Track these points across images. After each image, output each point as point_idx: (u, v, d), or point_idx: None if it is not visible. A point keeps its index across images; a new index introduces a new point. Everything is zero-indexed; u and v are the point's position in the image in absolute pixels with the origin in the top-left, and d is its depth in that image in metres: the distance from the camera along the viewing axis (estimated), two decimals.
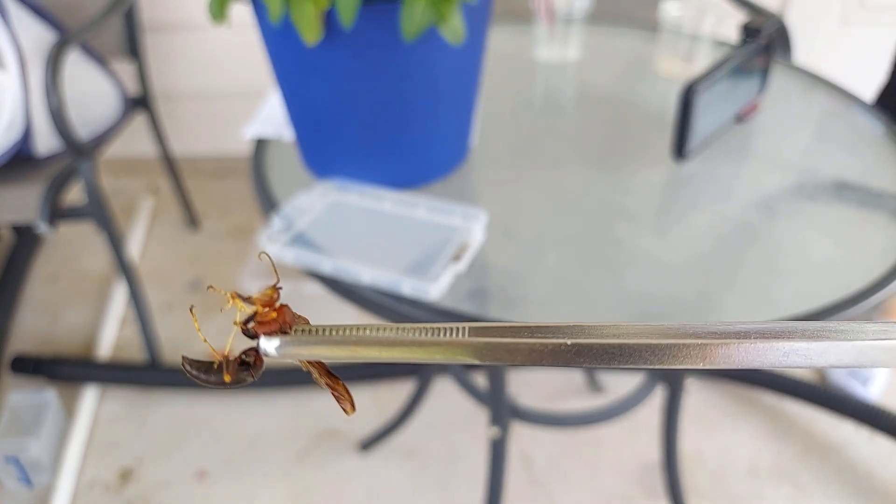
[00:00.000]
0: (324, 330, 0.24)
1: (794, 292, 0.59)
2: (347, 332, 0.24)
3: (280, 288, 0.24)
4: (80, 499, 1.12)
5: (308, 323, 0.25)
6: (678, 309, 0.58)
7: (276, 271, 0.24)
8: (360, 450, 1.18)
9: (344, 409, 0.26)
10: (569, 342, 0.22)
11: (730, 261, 0.63)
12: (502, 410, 0.89)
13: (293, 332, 0.24)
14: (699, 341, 0.21)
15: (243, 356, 0.24)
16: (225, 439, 1.21)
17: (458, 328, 0.23)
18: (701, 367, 0.21)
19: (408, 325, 0.23)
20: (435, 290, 0.58)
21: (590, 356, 0.22)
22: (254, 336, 0.24)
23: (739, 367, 0.21)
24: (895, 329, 0.21)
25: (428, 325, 0.23)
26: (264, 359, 0.24)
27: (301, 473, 1.16)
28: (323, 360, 0.25)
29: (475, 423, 1.21)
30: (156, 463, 1.18)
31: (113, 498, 1.13)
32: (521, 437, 1.19)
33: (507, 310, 0.58)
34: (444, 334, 0.23)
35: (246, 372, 0.24)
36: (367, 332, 0.24)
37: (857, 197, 0.71)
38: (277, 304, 0.24)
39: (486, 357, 0.23)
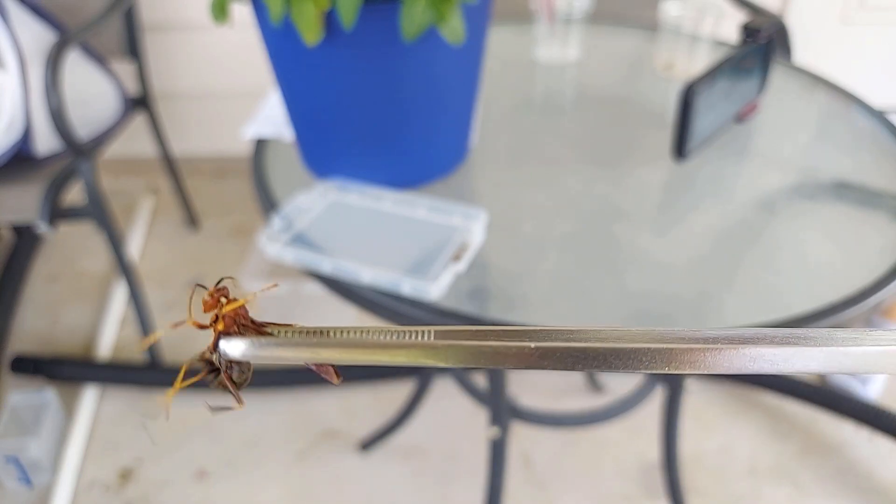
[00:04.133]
0: (286, 332, 0.24)
1: (793, 292, 0.59)
2: (311, 334, 0.24)
3: (222, 287, 0.24)
4: (80, 499, 1.12)
5: (272, 324, 0.24)
6: (678, 308, 0.58)
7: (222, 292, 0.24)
8: (360, 450, 1.18)
9: (330, 381, 0.25)
10: (532, 346, 0.22)
11: (730, 261, 0.63)
12: (502, 410, 0.89)
13: (253, 335, 0.24)
14: (665, 346, 0.21)
15: (227, 365, 0.24)
16: (225, 439, 1.21)
17: (423, 331, 0.23)
18: (666, 371, 0.21)
19: (373, 328, 0.23)
20: (435, 290, 0.58)
21: (553, 359, 0.22)
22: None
23: (706, 371, 0.21)
24: (865, 336, 0.21)
25: (393, 328, 0.23)
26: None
27: (301, 473, 1.16)
28: (285, 362, 0.24)
29: (475, 423, 1.21)
30: (156, 463, 1.18)
31: (113, 498, 1.13)
32: (521, 437, 1.19)
33: (507, 310, 0.58)
34: (409, 337, 0.23)
35: (239, 373, 0.24)
36: (332, 334, 0.23)
37: (857, 197, 0.71)
38: (224, 300, 0.24)
39: (450, 360, 0.22)
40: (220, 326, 0.23)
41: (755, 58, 0.76)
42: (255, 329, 0.24)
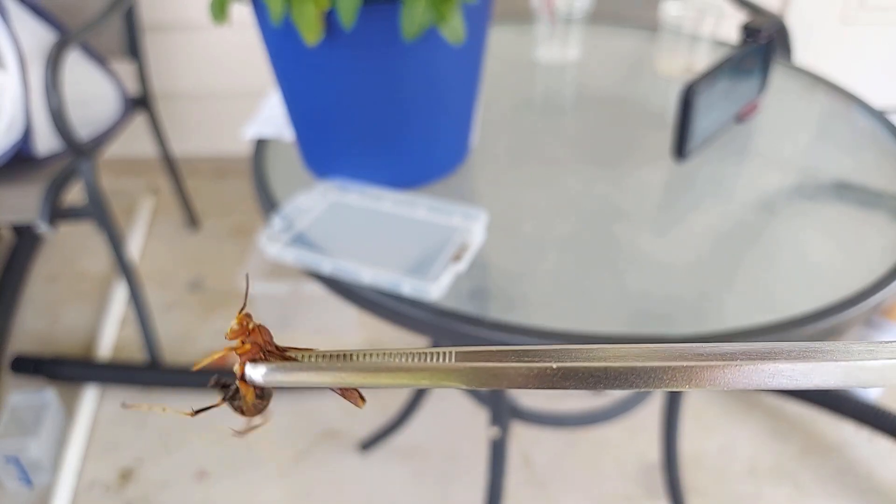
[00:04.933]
0: (310, 356, 0.24)
1: (793, 292, 0.59)
2: (334, 358, 0.24)
3: (248, 314, 0.24)
4: (80, 499, 1.12)
5: (295, 348, 0.25)
6: (678, 309, 0.58)
7: (245, 298, 0.25)
8: (360, 450, 1.18)
9: (355, 403, 0.26)
10: (554, 366, 0.22)
11: (730, 261, 0.63)
12: (502, 410, 0.89)
13: (277, 360, 0.24)
14: (685, 364, 0.21)
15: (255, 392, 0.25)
16: (225, 439, 1.21)
17: (445, 353, 0.23)
18: (687, 389, 0.22)
19: (394, 350, 0.24)
20: (435, 290, 0.58)
21: (575, 379, 0.22)
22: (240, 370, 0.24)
23: (726, 388, 0.21)
24: (881, 349, 0.21)
25: (415, 350, 0.23)
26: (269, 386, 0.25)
27: (301, 473, 1.16)
28: (310, 386, 0.25)
29: (475, 423, 1.21)
30: (156, 463, 1.18)
31: (113, 498, 1.13)
32: (521, 437, 1.19)
33: (507, 310, 0.58)
34: (431, 359, 0.23)
35: (260, 400, 0.25)
36: (355, 357, 0.24)
37: (857, 197, 0.71)
38: (251, 327, 0.24)
39: (473, 382, 0.23)
40: (247, 351, 0.24)
41: (755, 58, 0.76)
42: (279, 354, 0.25)
